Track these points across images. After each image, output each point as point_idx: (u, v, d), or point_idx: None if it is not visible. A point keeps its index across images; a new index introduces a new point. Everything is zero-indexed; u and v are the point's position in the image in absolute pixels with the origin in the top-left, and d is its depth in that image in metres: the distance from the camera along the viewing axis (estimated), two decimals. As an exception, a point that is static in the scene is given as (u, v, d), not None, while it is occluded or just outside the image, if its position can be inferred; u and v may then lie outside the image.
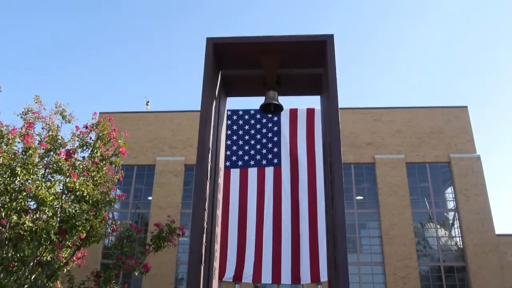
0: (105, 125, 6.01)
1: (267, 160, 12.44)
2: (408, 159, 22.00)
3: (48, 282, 5.05)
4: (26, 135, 5.37)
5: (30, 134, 5.44)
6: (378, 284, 20.46)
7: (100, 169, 5.78)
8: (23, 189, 4.92)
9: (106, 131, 5.98)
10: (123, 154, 6.05)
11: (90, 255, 6.11)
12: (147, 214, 21.49)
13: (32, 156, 5.23)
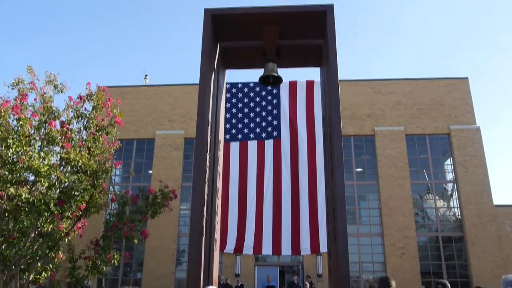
0: (99, 95, 5.94)
1: (267, 133, 12.40)
2: (407, 131, 21.98)
3: (50, 252, 5.11)
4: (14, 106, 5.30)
5: (19, 105, 5.38)
6: (377, 254, 20.76)
7: (96, 140, 5.74)
8: (16, 161, 4.90)
9: (100, 101, 5.91)
10: (119, 124, 6.00)
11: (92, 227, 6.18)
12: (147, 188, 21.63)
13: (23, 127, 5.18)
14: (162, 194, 5.97)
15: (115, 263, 5.57)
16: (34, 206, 4.88)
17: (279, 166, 12.01)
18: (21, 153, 5.01)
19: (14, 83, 5.64)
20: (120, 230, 5.53)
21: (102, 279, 21.04)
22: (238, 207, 11.73)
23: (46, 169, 4.98)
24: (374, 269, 20.93)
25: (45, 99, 5.74)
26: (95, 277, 6.06)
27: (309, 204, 11.37)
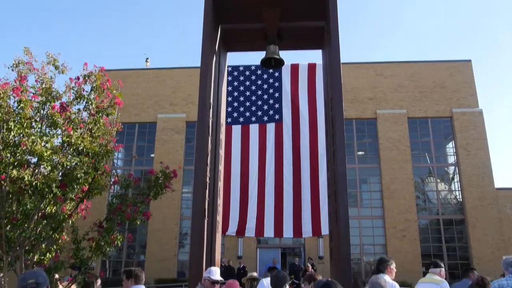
0: (97, 76, 5.91)
1: (269, 117, 12.37)
2: (410, 114, 21.91)
3: (54, 233, 5.16)
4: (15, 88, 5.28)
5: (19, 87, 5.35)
6: (378, 237, 20.91)
7: (97, 121, 5.73)
8: (18, 144, 4.91)
9: (99, 82, 5.88)
10: (119, 104, 5.98)
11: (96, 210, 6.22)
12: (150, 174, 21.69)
13: (25, 109, 5.17)
14: (164, 175, 5.98)
15: (119, 244, 5.62)
16: (37, 189, 4.90)
17: (281, 149, 12.01)
18: (23, 136, 5.00)
19: (13, 65, 5.61)
20: (124, 212, 5.56)
21: (106, 261, 21.29)
22: (240, 190, 11.78)
23: (49, 153, 4.98)
24: (375, 251, 21.10)
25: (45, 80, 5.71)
26: (99, 258, 6.14)
27: (310, 187, 11.41)
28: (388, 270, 5.33)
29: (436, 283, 5.52)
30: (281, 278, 5.12)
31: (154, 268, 19.08)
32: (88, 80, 5.91)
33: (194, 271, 8.62)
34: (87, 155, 5.29)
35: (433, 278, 5.66)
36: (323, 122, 11.20)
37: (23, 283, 2.69)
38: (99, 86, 5.91)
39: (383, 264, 5.40)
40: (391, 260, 5.49)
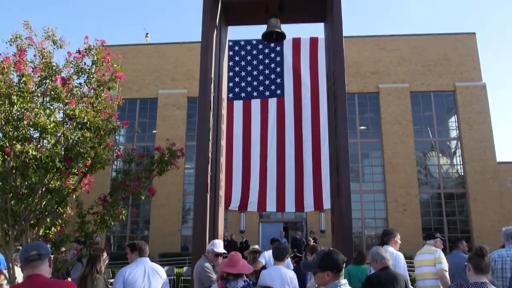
0: (98, 49, 5.85)
1: (270, 91, 12.31)
2: (412, 88, 21.76)
3: (58, 207, 5.21)
4: (17, 62, 5.24)
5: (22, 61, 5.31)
6: (380, 211, 21.08)
7: (98, 95, 5.71)
8: (22, 118, 4.90)
9: (99, 55, 5.83)
10: (120, 78, 5.94)
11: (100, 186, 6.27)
12: (151, 147, 21.75)
13: (27, 83, 5.15)
14: (170, 152, 5.99)
15: (123, 218, 5.68)
16: (41, 163, 4.92)
17: (283, 124, 11.99)
18: (26, 110, 4.99)
19: (12, 39, 5.56)
20: (128, 187, 5.60)
21: (110, 236, 21.58)
22: (242, 165, 11.82)
23: (52, 126, 4.98)
24: (376, 225, 21.31)
25: (44, 54, 5.66)
26: (104, 231, 6.21)
27: (312, 162, 11.44)
28: (393, 242, 5.43)
29: (431, 253, 5.63)
30: (283, 249, 5.21)
31: (158, 243, 19.33)
32: (88, 54, 5.86)
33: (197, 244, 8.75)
34: (90, 130, 5.29)
35: (429, 249, 5.77)
36: (325, 97, 11.15)
37: (26, 255, 2.73)
38: (99, 59, 5.86)
39: (388, 236, 5.50)
40: (396, 232, 5.57)
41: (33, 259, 2.72)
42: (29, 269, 2.72)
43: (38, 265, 2.73)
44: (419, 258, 5.75)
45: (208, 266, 5.24)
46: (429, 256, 5.58)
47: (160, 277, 4.73)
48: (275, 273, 4.89)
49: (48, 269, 2.80)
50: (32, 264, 2.72)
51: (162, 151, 6.05)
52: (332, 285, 2.63)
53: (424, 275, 5.46)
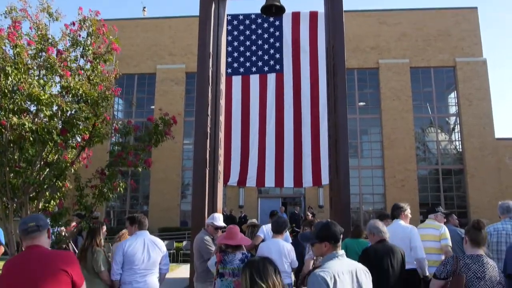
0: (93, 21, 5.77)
1: (269, 67, 12.22)
2: (412, 63, 21.60)
3: (57, 181, 5.23)
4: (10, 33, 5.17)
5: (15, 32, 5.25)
6: (378, 186, 21.20)
7: (94, 68, 5.66)
8: (17, 89, 4.87)
9: (95, 27, 5.76)
10: (116, 50, 5.88)
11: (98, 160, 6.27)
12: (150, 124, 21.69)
13: (21, 54, 5.09)
14: (163, 122, 5.97)
15: (121, 191, 5.71)
16: (38, 135, 4.91)
17: (282, 99, 11.94)
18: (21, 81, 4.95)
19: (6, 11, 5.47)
20: (125, 159, 5.60)
21: (110, 211, 21.76)
22: (241, 140, 11.82)
23: (47, 97, 4.95)
24: (374, 201, 21.49)
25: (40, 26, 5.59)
26: (102, 204, 6.24)
27: (311, 137, 11.44)
28: (403, 215, 5.44)
29: (435, 228, 5.58)
30: (282, 223, 5.26)
31: (157, 218, 19.49)
32: (83, 26, 5.78)
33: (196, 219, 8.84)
34: (87, 102, 5.26)
35: (432, 224, 5.71)
36: (325, 72, 11.06)
37: (24, 226, 2.75)
38: (95, 31, 5.79)
39: (397, 210, 5.51)
40: (406, 206, 5.58)
41: (32, 231, 2.74)
42: (28, 240, 2.75)
43: (37, 236, 2.75)
44: (422, 232, 5.72)
45: (207, 239, 5.30)
46: (434, 232, 5.53)
47: (160, 249, 4.78)
48: (273, 245, 4.95)
49: (47, 241, 2.83)
50: (31, 235, 2.74)
51: (155, 121, 6.02)
52: (330, 256, 2.65)
53: (428, 249, 5.44)
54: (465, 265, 3.28)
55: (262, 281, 2.38)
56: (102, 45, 5.89)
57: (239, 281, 4.08)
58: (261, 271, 2.42)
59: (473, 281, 3.20)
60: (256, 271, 2.42)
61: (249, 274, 2.42)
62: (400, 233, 5.07)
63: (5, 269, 2.71)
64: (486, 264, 3.29)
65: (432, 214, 5.86)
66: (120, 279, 4.63)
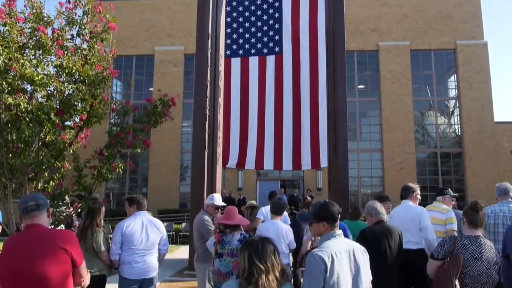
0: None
1: (268, 49, 12.12)
2: (413, 46, 21.43)
3: (55, 161, 5.22)
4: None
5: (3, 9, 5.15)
6: (376, 169, 21.26)
7: (91, 47, 5.59)
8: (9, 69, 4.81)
9: (91, 5, 5.67)
10: (113, 29, 5.80)
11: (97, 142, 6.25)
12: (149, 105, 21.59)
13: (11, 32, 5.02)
14: (162, 103, 5.92)
15: (120, 171, 5.70)
16: (34, 116, 4.87)
17: (281, 82, 11.88)
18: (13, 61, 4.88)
19: None
20: (123, 139, 5.58)
21: (109, 193, 21.84)
22: (240, 122, 11.80)
23: (40, 78, 4.89)
24: (372, 184, 21.57)
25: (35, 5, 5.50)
26: (102, 185, 6.25)
27: (310, 120, 11.41)
28: (412, 196, 5.35)
29: (442, 212, 5.51)
30: (280, 204, 5.28)
31: (156, 200, 19.56)
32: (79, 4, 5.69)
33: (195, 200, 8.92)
34: (84, 83, 5.21)
35: (439, 207, 5.62)
36: (324, 54, 11.00)
37: (24, 205, 2.75)
38: (91, 9, 5.70)
39: (406, 191, 5.45)
40: (416, 187, 5.50)
41: (32, 209, 2.75)
42: (28, 219, 2.76)
43: (37, 215, 2.76)
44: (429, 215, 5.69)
45: (207, 219, 5.33)
46: (440, 215, 5.46)
47: (158, 230, 4.80)
48: (271, 226, 4.98)
49: (47, 219, 2.84)
50: (30, 214, 2.75)
51: (154, 102, 5.98)
52: (328, 236, 2.66)
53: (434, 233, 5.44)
54: (463, 246, 3.31)
55: (261, 262, 2.38)
56: (99, 24, 5.80)
57: (237, 261, 4.12)
58: (259, 252, 2.42)
59: (470, 262, 3.23)
60: (255, 251, 2.42)
61: (248, 254, 2.42)
62: (410, 213, 5.04)
63: (5, 248, 2.72)
64: (484, 245, 3.31)
65: (440, 197, 5.76)
66: (120, 259, 4.67)
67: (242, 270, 2.42)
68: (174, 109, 6.68)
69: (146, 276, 4.65)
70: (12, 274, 2.62)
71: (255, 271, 2.35)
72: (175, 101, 6.04)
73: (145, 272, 4.65)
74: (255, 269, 2.36)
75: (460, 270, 3.20)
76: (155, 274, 4.77)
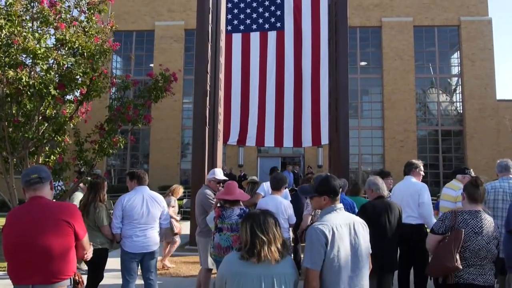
0: None
1: (270, 24, 11.95)
2: (416, 22, 21.14)
3: (56, 135, 5.21)
4: None
5: None
6: (377, 147, 21.27)
7: (89, 19, 5.51)
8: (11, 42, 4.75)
9: None
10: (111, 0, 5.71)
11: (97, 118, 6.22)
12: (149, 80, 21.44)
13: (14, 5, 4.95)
14: (163, 78, 5.87)
15: (121, 146, 5.70)
16: (35, 90, 4.84)
17: (282, 58, 11.77)
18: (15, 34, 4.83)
19: None
20: (124, 114, 5.56)
21: (110, 170, 21.92)
22: (241, 99, 11.74)
23: (43, 51, 4.84)
24: (372, 161, 21.61)
25: None
26: (103, 159, 6.26)
27: (311, 96, 11.35)
28: (415, 172, 5.40)
29: (454, 190, 5.55)
30: (280, 179, 5.27)
31: (158, 176, 19.65)
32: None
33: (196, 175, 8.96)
34: (83, 56, 5.16)
35: (454, 185, 5.64)
36: (326, 30, 10.87)
37: (27, 178, 2.74)
38: None
39: (409, 167, 5.52)
40: (418, 163, 5.56)
41: (35, 182, 2.74)
42: (31, 191, 2.75)
43: (40, 187, 2.76)
44: (443, 191, 5.74)
45: (209, 193, 5.34)
46: (452, 192, 5.51)
47: (159, 204, 4.81)
48: (271, 201, 4.98)
49: (49, 192, 2.84)
50: (33, 186, 2.74)
51: (155, 77, 5.92)
52: (328, 209, 2.67)
53: (442, 208, 5.49)
54: (464, 220, 3.32)
55: (263, 233, 2.39)
56: None
57: (237, 235, 4.15)
58: (261, 224, 2.43)
59: (471, 236, 3.25)
60: (257, 223, 2.43)
61: (250, 226, 2.43)
62: (411, 189, 5.14)
63: (8, 220, 2.73)
64: (484, 220, 3.33)
65: (460, 175, 5.78)
66: (121, 233, 4.71)
67: (244, 242, 2.44)
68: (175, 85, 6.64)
69: (147, 250, 4.70)
70: (15, 246, 2.63)
71: (257, 242, 2.37)
72: (176, 76, 5.99)
73: (146, 246, 4.69)
74: (257, 241, 2.37)
75: (461, 244, 3.22)
76: (156, 248, 4.82)
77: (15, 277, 2.68)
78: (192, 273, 7.03)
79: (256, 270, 2.36)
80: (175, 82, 5.98)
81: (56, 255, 2.64)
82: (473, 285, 3.25)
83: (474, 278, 3.25)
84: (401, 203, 4.63)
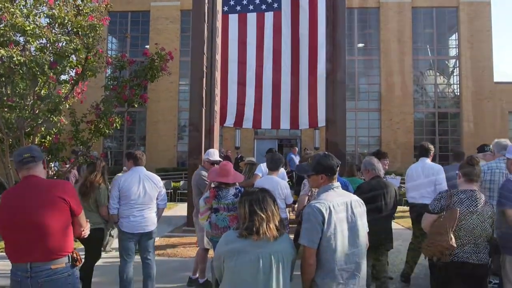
0: None
1: (267, 5, 11.83)
2: (415, 3, 20.95)
3: (51, 115, 5.17)
4: None
5: None
6: (373, 129, 21.28)
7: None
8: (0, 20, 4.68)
9: None
10: None
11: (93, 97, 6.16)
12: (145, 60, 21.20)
13: None
14: (159, 57, 5.82)
15: (117, 126, 5.67)
16: (27, 68, 4.78)
17: (279, 39, 11.68)
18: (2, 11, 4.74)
19: None
20: (119, 94, 5.51)
21: (107, 152, 21.89)
22: (238, 81, 11.68)
23: (32, 28, 4.77)
24: (369, 143, 21.64)
25: None
26: (99, 139, 6.22)
27: (309, 78, 11.30)
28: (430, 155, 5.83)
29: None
30: (276, 159, 5.28)
31: (155, 158, 19.63)
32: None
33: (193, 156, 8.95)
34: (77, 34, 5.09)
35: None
36: (324, 11, 10.75)
37: (20, 158, 2.74)
38: None
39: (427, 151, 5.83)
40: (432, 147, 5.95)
41: (28, 161, 2.74)
42: (24, 170, 2.75)
43: (33, 166, 2.75)
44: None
45: (205, 174, 5.35)
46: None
47: (156, 185, 4.81)
48: (267, 182, 4.99)
49: (43, 171, 2.83)
50: (27, 166, 2.74)
51: (151, 56, 5.87)
52: (325, 188, 2.68)
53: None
54: (459, 200, 3.33)
55: (261, 211, 2.41)
56: None
57: (234, 215, 4.15)
58: (260, 201, 2.44)
59: (466, 215, 3.27)
60: (256, 201, 2.45)
61: (248, 204, 2.44)
62: (427, 170, 5.54)
63: (3, 199, 2.73)
64: (479, 199, 3.35)
65: (481, 154, 5.87)
66: (119, 213, 4.72)
67: (242, 220, 2.45)
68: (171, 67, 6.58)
69: (144, 230, 4.72)
70: (11, 225, 2.63)
71: (256, 219, 2.39)
72: (172, 55, 5.94)
73: (143, 226, 4.71)
74: (256, 218, 2.39)
75: (455, 223, 3.24)
76: (154, 228, 4.83)
77: (12, 256, 2.68)
78: (190, 254, 7.08)
79: (254, 248, 2.37)
80: (171, 60, 5.92)
81: (53, 232, 2.65)
82: (468, 263, 3.28)
83: (469, 257, 3.28)
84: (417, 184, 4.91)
